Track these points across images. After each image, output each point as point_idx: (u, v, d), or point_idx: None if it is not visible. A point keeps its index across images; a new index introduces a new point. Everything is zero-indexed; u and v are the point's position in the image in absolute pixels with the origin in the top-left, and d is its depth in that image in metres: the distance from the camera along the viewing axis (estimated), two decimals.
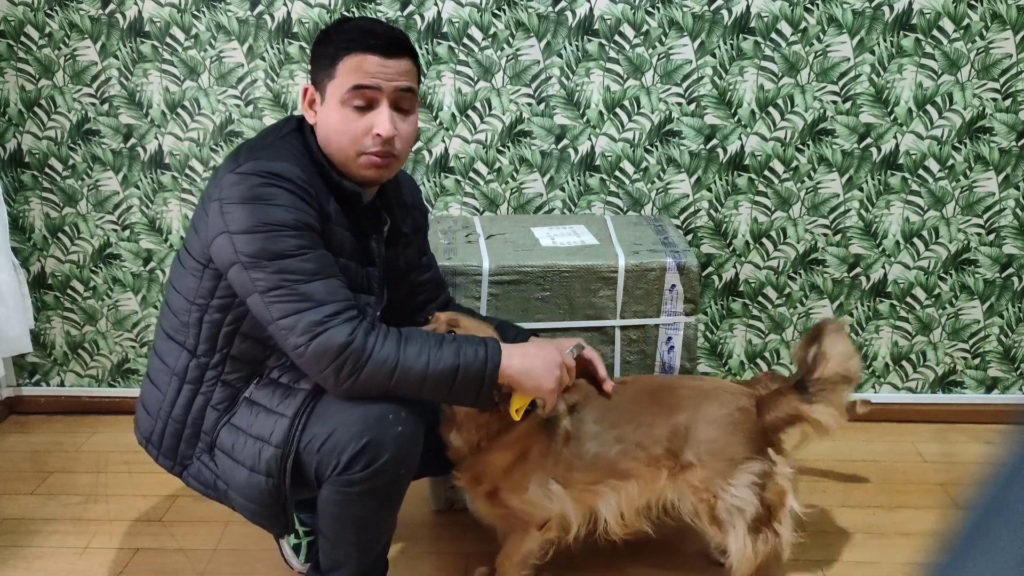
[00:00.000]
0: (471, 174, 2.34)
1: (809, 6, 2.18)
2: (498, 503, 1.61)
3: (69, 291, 2.47)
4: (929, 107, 2.25)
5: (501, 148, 2.32)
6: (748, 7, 2.18)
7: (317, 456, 1.44)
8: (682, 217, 2.36)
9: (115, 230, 2.41)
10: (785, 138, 2.28)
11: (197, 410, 1.54)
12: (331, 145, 1.49)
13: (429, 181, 2.33)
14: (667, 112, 2.27)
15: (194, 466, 1.57)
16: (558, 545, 1.67)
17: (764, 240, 2.37)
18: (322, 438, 1.43)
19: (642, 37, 2.22)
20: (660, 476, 1.63)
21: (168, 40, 2.25)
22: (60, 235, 2.42)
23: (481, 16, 2.21)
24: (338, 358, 1.37)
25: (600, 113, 2.28)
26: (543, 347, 1.53)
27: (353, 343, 1.37)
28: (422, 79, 1.71)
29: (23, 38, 2.26)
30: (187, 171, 2.35)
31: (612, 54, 2.23)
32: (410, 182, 1.79)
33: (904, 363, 2.47)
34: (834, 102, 2.25)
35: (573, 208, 2.36)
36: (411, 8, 2.21)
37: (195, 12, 2.23)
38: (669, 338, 1.98)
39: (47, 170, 2.36)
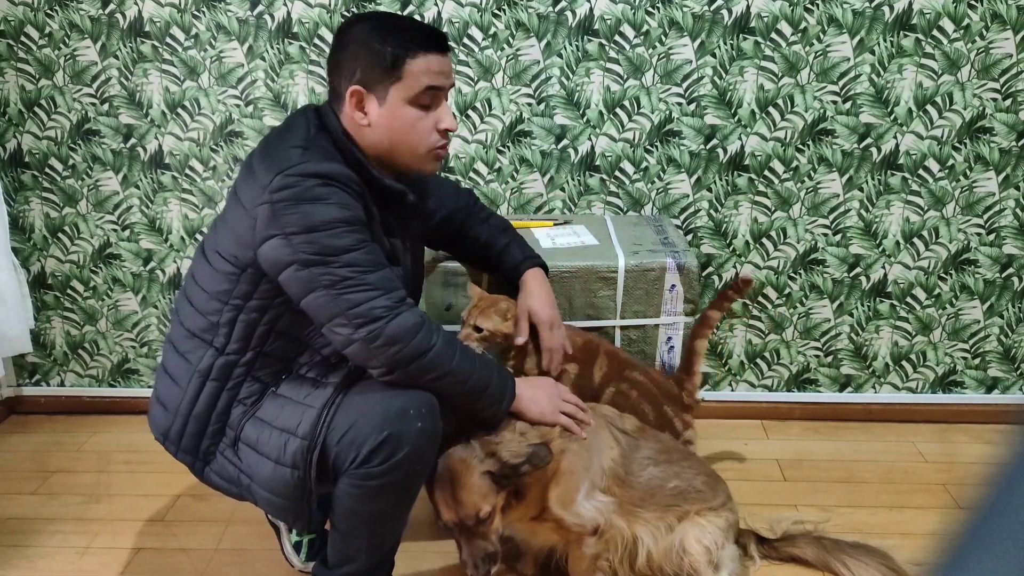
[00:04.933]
0: (471, 174, 2.34)
1: (809, 6, 2.18)
2: (547, 519, 1.59)
3: (69, 291, 2.47)
4: (929, 107, 2.25)
5: (501, 148, 2.32)
6: (748, 7, 2.18)
7: (337, 448, 1.44)
8: (682, 217, 2.36)
9: (115, 230, 2.41)
10: (785, 138, 2.28)
11: (222, 406, 1.54)
12: (400, 145, 1.52)
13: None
14: (667, 112, 2.27)
15: (217, 461, 1.56)
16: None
17: (764, 240, 2.37)
18: (342, 430, 1.44)
19: (642, 37, 2.22)
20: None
21: (168, 40, 2.25)
22: (60, 235, 2.42)
23: (481, 16, 2.21)
24: (415, 338, 1.43)
25: (600, 113, 2.28)
26: (543, 382, 1.67)
27: (423, 328, 1.45)
28: None
29: (23, 38, 2.26)
30: (187, 171, 2.35)
31: (612, 54, 2.23)
32: None
33: (904, 363, 2.47)
34: (834, 102, 2.25)
35: (573, 208, 2.36)
36: (411, 8, 2.21)
37: (195, 12, 2.23)
38: (669, 338, 1.98)
39: (47, 170, 2.36)
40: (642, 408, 1.83)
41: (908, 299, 2.41)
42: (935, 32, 2.19)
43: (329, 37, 2.22)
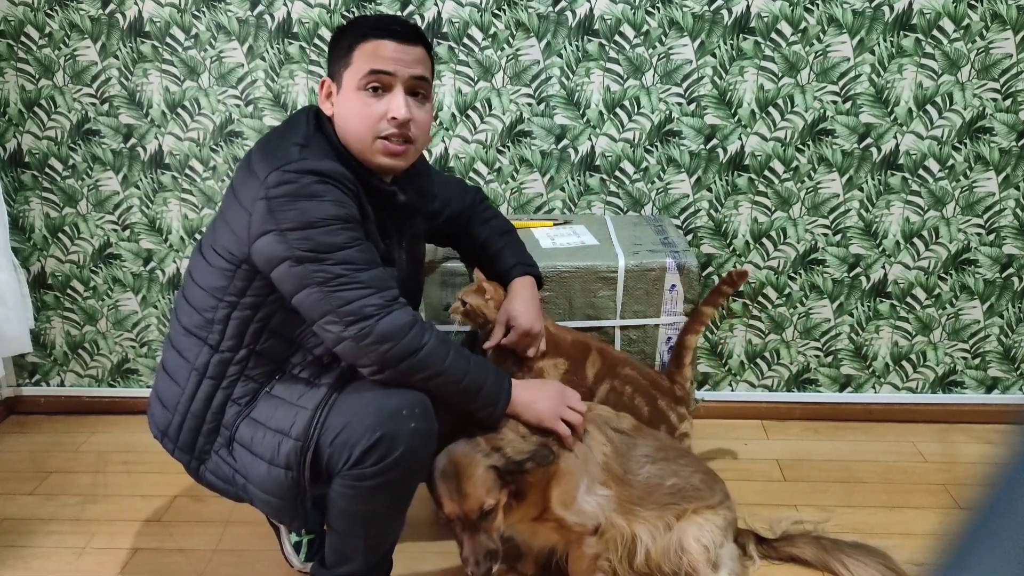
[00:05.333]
0: (472, 174, 2.34)
1: (809, 6, 2.18)
2: (548, 519, 1.59)
3: (69, 291, 2.47)
4: (929, 107, 2.25)
5: (501, 148, 2.32)
6: (748, 7, 2.18)
7: (330, 449, 1.44)
8: (682, 217, 2.36)
9: (115, 230, 2.41)
10: (785, 138, 2.28)
11: (217, 405, 1.54)
12: (349, 133, 1.51)
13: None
14: (667, 112, 2.27)
15: (212, 460, 1.56)
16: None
17: (764, 240, 2.37)
18: (336, 431, 1.44)
19: (642, 37, 2.22)
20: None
21: (168, 40, 2.25)
22: (60, 235, 2.42)
23: (481, 16, 2.21)
24: (406, 336, 1.42)
25: (600, 113, 2.28)
26: (548, 387, 1.63)
27: (415, 326, 1.44)
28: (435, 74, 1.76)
29: (23, 38, 2.25)
30: (187, 171, 2.35)
31: (612, 54, 2.23)
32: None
33: (904, 363, 2.47)
34: (834, 102, 2.25)
35: (573, 208, 2.36)
36: (411, 8, 2.21)
37: (195, 12, 2.23)
38: (669, 338, 1.98)
39: (47, 170, 2.36)
40: (636, 403, 1.83)
41: (908, 299, 2.41)
42: (935, 32, 2.19)
43: (329, 37, 2.22)
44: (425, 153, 2.30)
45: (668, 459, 1.69)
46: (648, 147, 2.30)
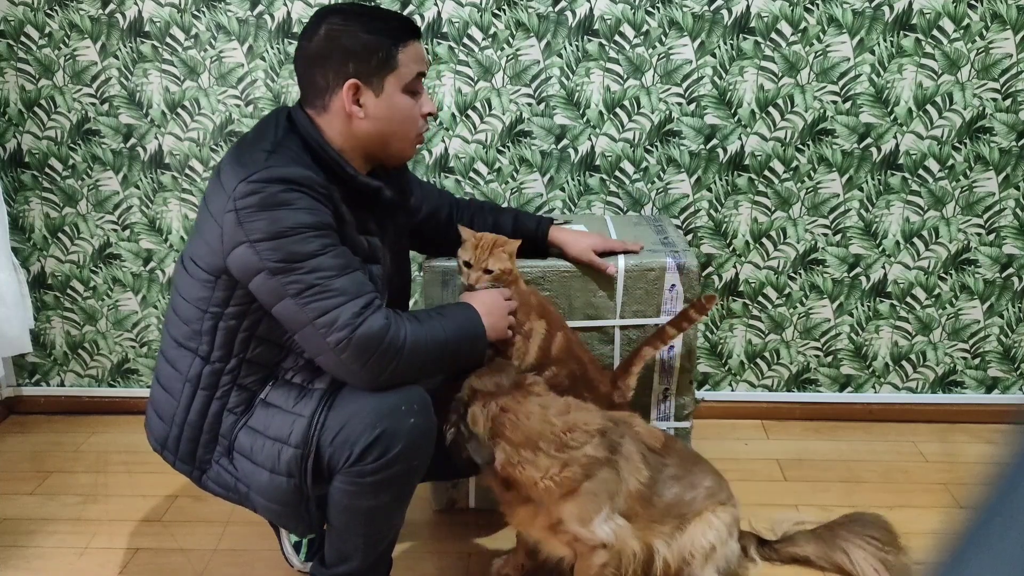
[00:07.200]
0: (471, 174, 2.34)
1: (809, 6, 2.18)
2: (562, 531, 1.58)
3: (69, 291, 2.47)
4: (929, 107, 2.25)
5: (501, 148, 2.32)
6: (748, 7, 2.18)
7: (331, 448, 1.44)
8: (682, 217, 2.36)
9: (115, 230, 2.41)
10: (785, 138, 2.28)
11: (213, 415, 1.54)
12: (395, 133, 1.54)
13: (429, 181, 2.33)
14: (667, 112, 2.27)
15: (213, 470, 1.56)
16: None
17: (764, 240, 2.37)
18: (335, 430, 1.44)
19: (642, 37, 2.22)
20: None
21: (168, 40, 2.25)
22: (60, 235, 2.42)
23: (481, 16, 2.21)
24: (381, 345, 1.41)
25: (600, 113, 2.28)
26: (489, 294, 1.65)
27: (391, 328, 1.42)
28: None
29: (23, 38, 2.26)
30: (187, 171, 2.35)
31: (612, 54, 2.23)
32: None
33: (904, 363, 2.47)
34: (834, 102, 2.25)
35: (573, 208, 2.36)
36: (411, 8, 2.21)
37: (195, 12, 2.23)
38: None
39: (47, 170, 2.36)
40: (564, 396, 1.78)
41: (908, 299, 2.41)
42: (935, 32, 2.19)
43: None
44: (425, 153, 2.30)
45: (688, 472, 1.69)
46: (648, 147, 2.30)
